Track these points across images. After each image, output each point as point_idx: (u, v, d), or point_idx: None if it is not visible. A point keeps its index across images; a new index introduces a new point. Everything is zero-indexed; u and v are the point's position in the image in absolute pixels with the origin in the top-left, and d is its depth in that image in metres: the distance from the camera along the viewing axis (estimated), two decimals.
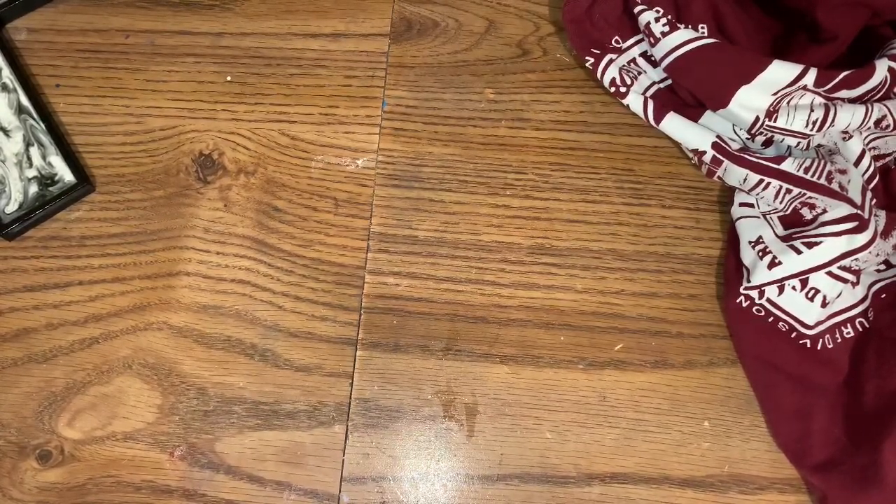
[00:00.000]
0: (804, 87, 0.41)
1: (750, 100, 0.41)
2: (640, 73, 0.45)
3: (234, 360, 0.41)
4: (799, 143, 0.43)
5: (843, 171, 0.41)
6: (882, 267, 0.42)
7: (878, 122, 0.42)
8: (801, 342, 0.41)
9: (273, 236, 0.44)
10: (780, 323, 0.41)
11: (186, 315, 0.42)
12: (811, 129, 0.42)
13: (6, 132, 0.45)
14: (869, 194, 0.40)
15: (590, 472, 0.39)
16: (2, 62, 0.46)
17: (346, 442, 0.41)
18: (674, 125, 0.43)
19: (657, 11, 0.43)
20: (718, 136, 0.42)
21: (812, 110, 0.41)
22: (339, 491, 0.40)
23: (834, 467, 0.38)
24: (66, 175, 0.44)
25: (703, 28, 0.44)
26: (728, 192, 0.44)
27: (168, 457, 0.40)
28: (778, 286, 0.41)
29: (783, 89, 0.41)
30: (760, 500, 0.39)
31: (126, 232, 0.44)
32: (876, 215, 0.41)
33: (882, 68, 0.41)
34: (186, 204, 0.44)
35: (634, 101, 0.44)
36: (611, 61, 0.45)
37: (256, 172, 0.45)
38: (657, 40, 0.43)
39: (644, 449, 0.40)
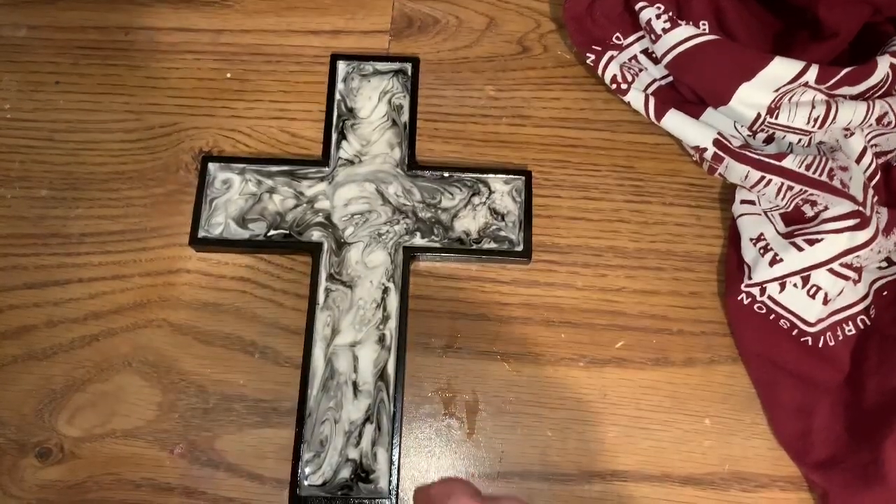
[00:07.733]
0: (805, 84, 0.41)
1: (751, 97, 0.41)
2: (641, 70, 0.45)
3: (234, 357, 0.41)
4: (800, 139, 0.43)
5: (844, 168, 0.41)
6: (884, 264, 0.42)
7: (879, 119, 0.42)
8: (802, 339, 0.41)
9: None
10: (782, 320, 0.41)
11: (186, 312, 0.42)
12: (813, 126, 0.41)
13: (357, 391, 0.39)
14: (870, 191, 0.40)
15: (591, 470, 0.39)
16: (394, 311, 0.40)
17: None
18: (675, 122, 0.43)
19: (658, 8, 0.43)
20: (720, 133, 0.42)
21: (813, 107, 0.41)
22: None
23: (835, 465, 0.38)
24: (382, 479, 0.38)
25: (704, 25, 0.44)
26: (729, 190, 0.44)
27: (168, 454, 0.40)
28: (779, 283, 0.41)
29: (784, 86, 0.41)
30: (762, 497, 0.39)
31: (126, 229, 0.44)
32: (877, 212, 0.40)
33: (883, 65, 0.41)
34: (186, 201, 0.44)
35: (635, 98, 0.44)
36: (612, 58, 0.45)
37: None
38: (658, 37, 0.43)
39: (645, 446, 0.40)
